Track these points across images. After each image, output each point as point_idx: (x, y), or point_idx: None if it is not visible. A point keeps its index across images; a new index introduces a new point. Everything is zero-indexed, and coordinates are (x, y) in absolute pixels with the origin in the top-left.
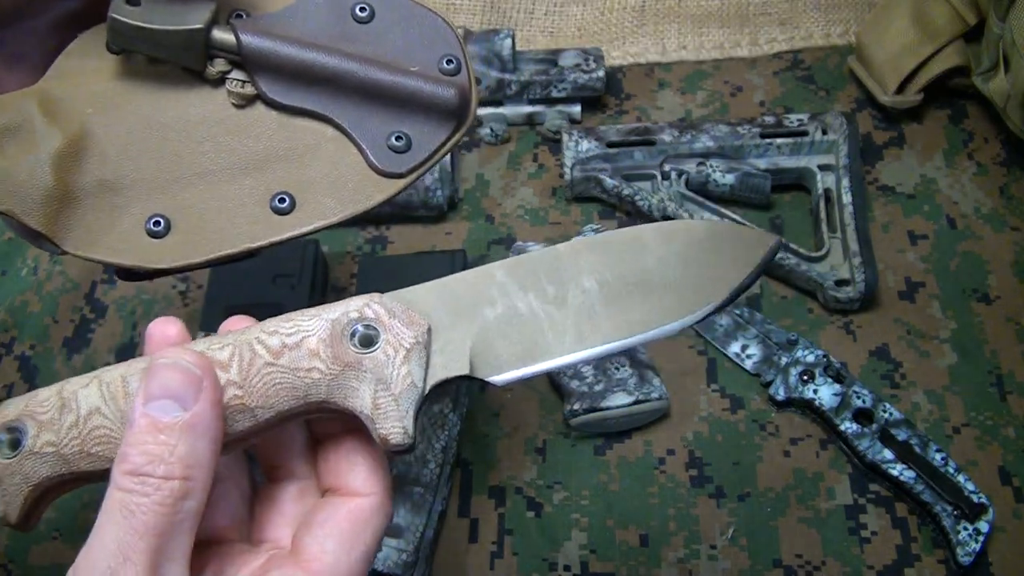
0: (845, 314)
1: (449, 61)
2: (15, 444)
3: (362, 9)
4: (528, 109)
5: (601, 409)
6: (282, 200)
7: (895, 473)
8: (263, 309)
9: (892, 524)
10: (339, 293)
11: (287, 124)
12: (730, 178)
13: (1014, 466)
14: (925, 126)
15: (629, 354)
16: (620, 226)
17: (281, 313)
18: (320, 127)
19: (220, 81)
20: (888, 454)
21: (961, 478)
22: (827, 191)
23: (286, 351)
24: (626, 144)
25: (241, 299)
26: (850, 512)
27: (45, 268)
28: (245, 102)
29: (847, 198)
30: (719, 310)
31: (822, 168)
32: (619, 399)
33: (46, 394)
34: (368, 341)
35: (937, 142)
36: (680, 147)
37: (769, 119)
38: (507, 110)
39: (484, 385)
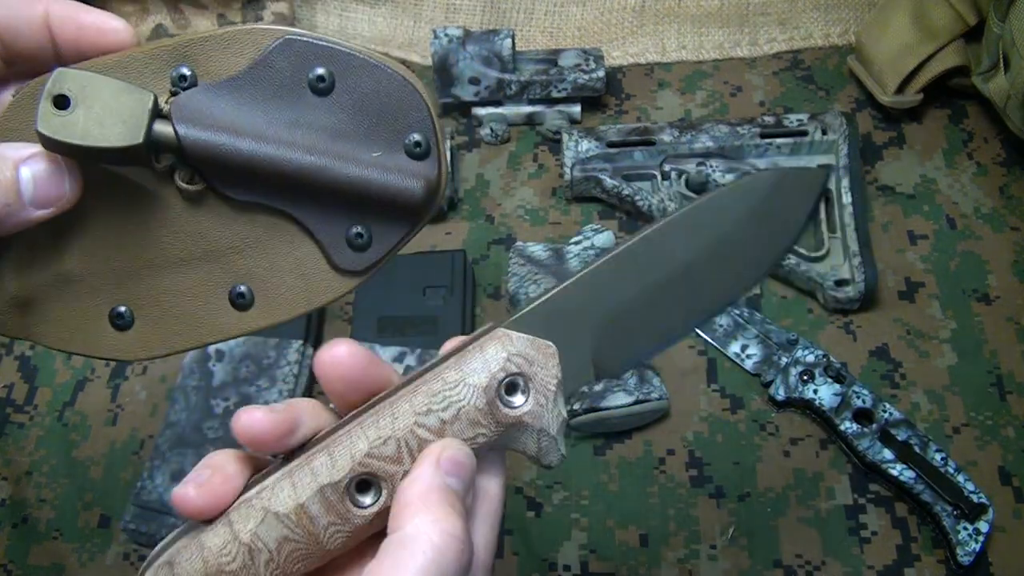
0: (845, 314)
1: (417, 144)
2: None
3: (320, 79)
4: (528, 109)
5: (601, 409)
6: (241, 296)
7: (895, 473)
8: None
9: (892, 524)
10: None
11: (241, 216)
12: (730, 178)
13: (1014, 466)
14: (925, 126)
15: None
16: (620, 226)
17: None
18: (276, 220)
19: (170, 173)
20: (888, 454)
21: (961, 478)
22: (827, 191)
23: (447, 427)
24: (626, 144)
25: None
26: (850, 512)
27: None
28: (196, 197)
29: (847, 198)
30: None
31: (822, 168)
32: (619, 399)
33: (218, 542)
34: (514, 388)
35: (937, 142)
36: (680, 147)
37: (769, 119)
38: (507, 110)
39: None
